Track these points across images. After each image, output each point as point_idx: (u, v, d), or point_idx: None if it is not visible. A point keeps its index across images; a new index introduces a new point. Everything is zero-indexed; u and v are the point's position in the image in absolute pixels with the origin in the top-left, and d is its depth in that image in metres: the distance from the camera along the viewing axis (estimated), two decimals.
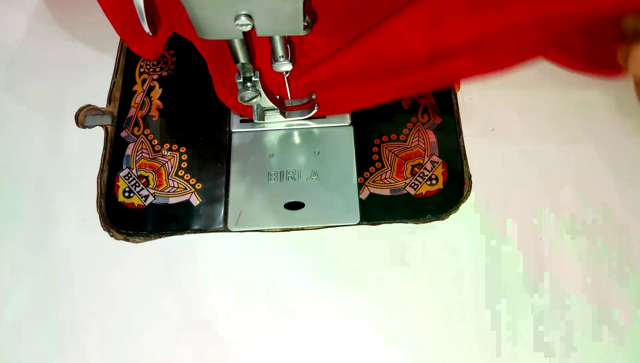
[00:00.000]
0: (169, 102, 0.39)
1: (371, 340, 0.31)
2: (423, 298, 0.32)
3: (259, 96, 0.33)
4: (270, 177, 0.36)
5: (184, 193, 0.36)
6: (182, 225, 0.35)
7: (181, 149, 0.37)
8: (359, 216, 0.35)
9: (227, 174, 0.36)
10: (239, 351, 0.31)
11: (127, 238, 0.35)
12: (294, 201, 0.35)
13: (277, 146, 0.37)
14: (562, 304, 0.32)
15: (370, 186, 0.36)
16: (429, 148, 0.37)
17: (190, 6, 0.26)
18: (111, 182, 0.36)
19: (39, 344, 0.32)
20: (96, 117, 0.39)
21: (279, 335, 0.32)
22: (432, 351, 0.31)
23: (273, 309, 0.32)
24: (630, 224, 0.34)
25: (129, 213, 0.35)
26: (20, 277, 0.34)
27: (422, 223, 0.34)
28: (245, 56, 0.31)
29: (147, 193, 0.36)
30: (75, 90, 0.40)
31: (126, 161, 0.37)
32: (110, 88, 0.40)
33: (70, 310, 0.33)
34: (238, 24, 0.26)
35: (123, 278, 0.33)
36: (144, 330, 0.32)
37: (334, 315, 0.32)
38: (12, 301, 0.33)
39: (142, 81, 0.40)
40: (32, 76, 0.40)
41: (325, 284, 0.33)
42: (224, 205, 0.35)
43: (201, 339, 0.32)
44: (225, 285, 0.33)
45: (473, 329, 0.31)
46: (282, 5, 0.26)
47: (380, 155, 0.36)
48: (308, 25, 0.34)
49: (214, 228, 0.35)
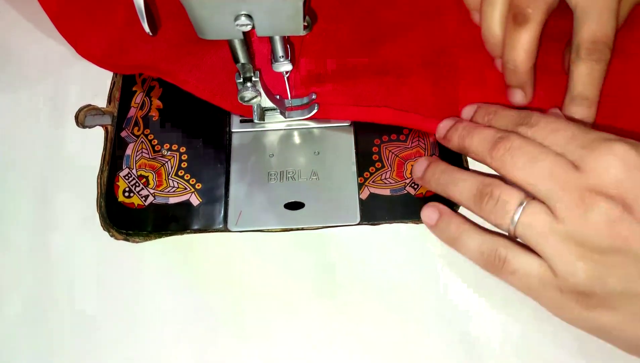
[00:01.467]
0: (169, 102, 0.39)
1: (371, 340, 0.31)
2: (423, 298, 0.32)
3: (259, 96, 0.33)
4: (270, 177, 0.36)
5: (184, 193, 0.36)
6: (182, 225, 0.35)
7: (181, 149, 0.37)
8: (359, 216, 0.35)
9: (227, 174, 0.36)
10: (239, 351, 0.31)
11: (127, 238, 0.35)
12: (294, 201, 0.35)
13: (277, 146, 0.37)
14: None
15: (370, 186, 0.36)
16: (429, 148, 0.37)
17: (190, 6, 0.26)
18: (111, 182, 0.36)
19: (38, 344, 0.32)
20: (96, 117, 0.39)
21: (279, 335, 0.32)
22: (432, 350, 0.31)
23: (273, 309, 0.32)
24: None
25: (129, 213, 0.35)
26: (20, 277, 0.34)
27: (422, 223, 0.34)
28: (245, 56, 0.31)
29: (147, 193, 0.36)
30: (75, 90, 0.40)
31: (126, 161, 0.37)
32: (110, 88, 0.40)
33: (70, 310, 0.33)
34: (238, 24, 0.27)
35: (123, 278, 0.33)
36: (144, 330, 0.32)
37: (334, 315, 0.32)
38: (12, 301, 0.33)
39: (142, 81, 0.40)
40: (32, 76, 0.40)
41: (326, 284, 0.33)
42: (224, 205, 0.35)
43: (201, 339, 0.32)
44: (225, 284, 0.33)
45: (472, 328, 0.31)
46: (282, 5, 0.26)
47: (380, 155, 0.36)
48: (308, 25, 0.34)
49: (214, 228, 0.35)
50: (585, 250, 0.25)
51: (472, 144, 0.31)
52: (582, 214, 0.25)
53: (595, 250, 0.25)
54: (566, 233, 0.26)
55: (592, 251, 0.25)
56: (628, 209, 0.25)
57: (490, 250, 0.29)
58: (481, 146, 0.30)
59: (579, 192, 0.26)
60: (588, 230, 0.25)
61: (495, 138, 0.29)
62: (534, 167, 0.27)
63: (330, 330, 0.32)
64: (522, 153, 0.28)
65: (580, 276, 0.26)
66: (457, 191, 0.31)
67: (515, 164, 0.28)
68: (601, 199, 0.25)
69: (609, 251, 0.25)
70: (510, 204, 0.28)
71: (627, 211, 0.25)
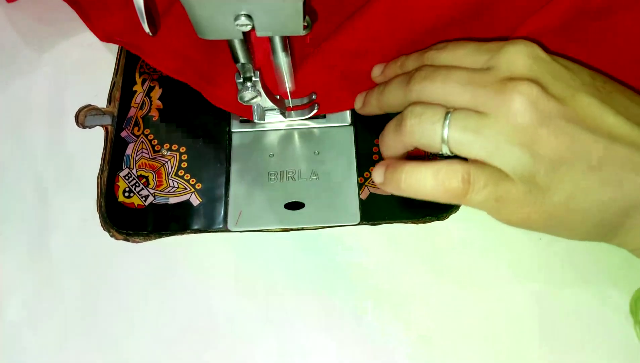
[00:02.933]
0: (169, 102, 0.39)
1: (371, 339, 0.31)
2: (424, 298, 0.32)
3: (259, 96, 0.33)
4: (270, 177, 0.36)
5: (184, 193, 0.36)
6: (182, 225, 0.35)
7: (181, 149, 0.37)
8: (359, 216, 0.35)
9: (227, 174, 0.36)
10: (239, 351, 0.31)
11: (127, 238, 0.35)
12: (294, 201, 0.35)
13: (277, 146, 0.37)
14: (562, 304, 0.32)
15: (370, 186, 0.36)
16: None
17: (190, 6, 0.26)
18: (111, 182, 0.36)
19: (38, 344, 0.32)
20: (96, 117, 0.39)
21: (279, 335, 0.32)
22: (431, 345, 0.31)
23: (273, 309, 0.32)
24: None
25: (129, 213, 0.35)
26: (20, 277, 0.34)
27: (422, 223, 0.34)
28: (245, 55, 0.31)
29: (147, 193, 0.36)
30: (75, 90, 0.40)
31: (126, 161, 0.37)
32: (110, 88, 0.40)
33: (70, 310, 0.33)
34: (238, 24, 0.26)
35: (123, 278, 0.33)
36: (144, 330, 0.32)
37: (334, 315, 0.32)
38: (12, 301, 0.33)
39: (142, 81, 0.40)
40: (32, 76, 0.40)
41: (326, 284, 0.33)
42: (224, 205, 0.35)
43: (201, 339, 0.32)
44: (225, 285, 0.33)
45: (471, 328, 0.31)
46: (282, 5, 0.26)
47: (380, 155, 0.36)
48: (308, 25, 0.34)
49: (214, 228, 0.35)
50: (519, 134, 0.26)
51: (390, 93, 0.31)
52: (507, 101, 0.26)
53: (527, 131, 0.26)
54: (498, 126, 0.26)
55: (524, 133, 0.26)
56: (543, 89, 0.26)
57: (448, 175, 0.26)
58: (398, 89, 0.31)
59: (497, 85, 0.27)
60: (515, 115, 0.26)
61: (408, 77, 0.30)
62: (449, 80, 0.28)
63: (331, 330, 0.32)
64: (436, 74, 0.29)
65: (525, 161, 0.26)
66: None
67: (433, 85, 0.28)
68: (519, 83, 0.26)
69: (538, 127, 0.26)
70: (436, 116, 0.27)
71: (542, 89, 0.26)
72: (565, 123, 0.26)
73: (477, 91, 0.27)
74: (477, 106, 0.27)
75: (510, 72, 0.27)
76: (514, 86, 0.26)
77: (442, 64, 0.30)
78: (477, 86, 0.27)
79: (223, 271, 0.33)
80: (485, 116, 0.26)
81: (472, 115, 0.27)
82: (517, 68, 0.27)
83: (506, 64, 0.27)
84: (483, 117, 0.26)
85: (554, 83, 0.26)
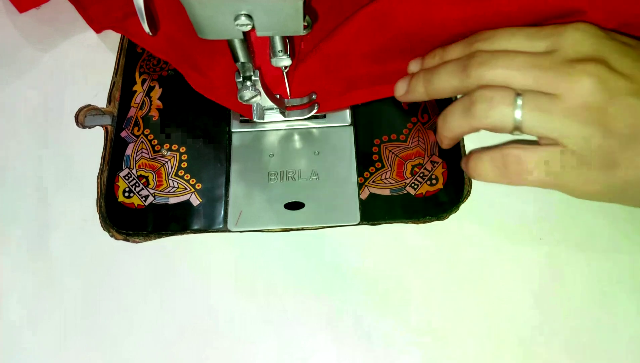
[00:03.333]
0: (169, 102, 0.39)
1: (371, 339, 0.31)
2: (424, 298, 0.32)
3: (258, 95, 0.33)
4: (270, 177, 0.36)
5: (184, 193, 0.36)
6: (182, 225, 0.35)
7: (181, 149, 0.37)
8: (359, 216, 0.35)
9: (227, 174, 0.36)
10: (239, 351, 0.31)
11: (127, 238, 0.35)
12: (294, 201, 0.35)
13: (277, 146, 0.37)
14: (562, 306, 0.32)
15: (370, 186, 0.36)
16: (429, 148, 0.37)
17: (190, 6, 0.26)
18: (111, 182, 0.36)
19: (38, 344, 0.32)
20: (96, 117, 0.39)
21: (278, 335, 0.32)
22: (431, 345, 0.31)
23: (273, 309, 0.32)
24: None
25: (129, 213, 0.35)
26: (20, 277, 0.34)
27: (422, 223, 0.34)
28: (245, 55, 0.31)
29: (147, 193, 0.36)
30: (75, 90, 0.40)
31: (126, 161, 0.37)
32: (110, 88, 0.40)
33: (70, 310, 0.33)
34: (238, 24, 0.26)
35: (123, 278, 0.33)
36: (144, 330, 0.32)
37: (334, 314, 0.32)
38: (12, 301, 0.33)
39: (142, 81, 0.40)
40: (32, 76, 0.40)
41: (325, 284, 0.33)
42: (224, 205, 0.35)
43: (201, 339, 0.32)
44: (225, 285, 0.33)
45: (471, 327, 0.31)
46: (282, 5, 0.26)
47: (380, 155, 0.36)
48: (308, 25, 0.34)
49: (214, 228, 0.35)
50: (591, 113, 0.26)
51: (441, 80, 0.30)
52: (576, 82, 0.26)
53: (599, 110, 0.26)
54: (569, 105, 0.26)
55: (597, 112, 0.26)
56: (611, 67, 0.26)
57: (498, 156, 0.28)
58: (451, 76, 0.30)
59: (564, 66, 0.27)
60: (586, 94, 0.26)
61: (462, 63, 0.29)
62: (512, 64, 0.28)
63: (330, 330, 0.32)
64: (496, 59, 0.28)
65: (596, 139, 0.26)
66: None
67: (494, 70, 0.28)
68: (587, 63, 0.26)
69: (610, 105, 0.26)
70: (507, 98, 0.27)
71: (610, 68, 0.26)
72: (636, 99, 0.26)
73: (543, 73, 0.27)
74: (542, 88, 0.27)
75: (575, 53, 0.27)
76: (583, 67, 0.26)
77: (496, 50, 0.29)
78: (542, 68, 0.27)
79: (223, 271, 0.33)
80: (555, 97, 0.27)
81: (542, 96, 0.27)
82: (583, 48, 0.27)
83: (571, 45, 0.27)
84: (554, 98, 0.27)
85: (620, 61, 0.27)
